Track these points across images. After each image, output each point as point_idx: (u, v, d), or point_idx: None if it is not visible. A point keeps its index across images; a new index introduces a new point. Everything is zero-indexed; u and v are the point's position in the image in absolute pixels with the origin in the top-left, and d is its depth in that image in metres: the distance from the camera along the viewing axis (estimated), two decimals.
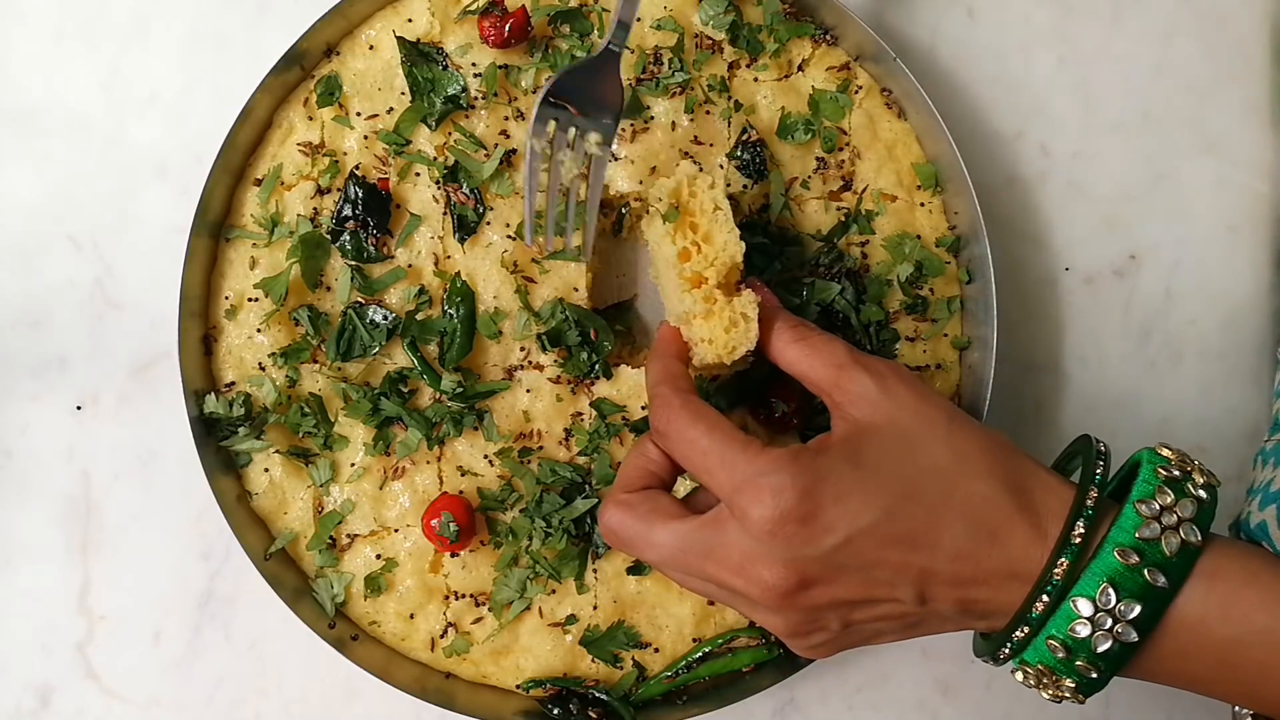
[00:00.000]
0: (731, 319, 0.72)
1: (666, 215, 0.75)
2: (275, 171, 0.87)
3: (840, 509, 0.62)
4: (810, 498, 0.62)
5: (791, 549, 0.63)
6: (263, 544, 0.86)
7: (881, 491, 0.63)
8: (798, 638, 0.67)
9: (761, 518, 0.62)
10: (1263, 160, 0.94)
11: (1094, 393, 0.94)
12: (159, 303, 0.89)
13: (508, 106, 0.87)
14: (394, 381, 0.86)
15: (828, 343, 0.70)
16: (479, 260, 0.86)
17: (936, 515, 0.63)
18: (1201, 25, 0.95)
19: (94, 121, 0.93)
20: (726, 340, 0.72)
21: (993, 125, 0.94)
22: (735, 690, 0.85)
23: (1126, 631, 0.61)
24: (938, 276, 0.88)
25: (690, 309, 0.74)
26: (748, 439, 0.66)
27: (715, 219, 0.74)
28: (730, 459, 0.65)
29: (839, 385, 0.68)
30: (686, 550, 0.67)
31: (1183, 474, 0.64)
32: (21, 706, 0.91)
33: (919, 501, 0.63)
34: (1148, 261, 0.94)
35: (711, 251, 0.73)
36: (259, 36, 0.93)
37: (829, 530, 0.62)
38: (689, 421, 0.67)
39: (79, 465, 0.92)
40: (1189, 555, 0.62)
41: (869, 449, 0.65)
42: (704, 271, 0.73)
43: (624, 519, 0.69)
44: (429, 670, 0.87)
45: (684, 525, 0.67)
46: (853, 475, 0.63)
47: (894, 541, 0.63)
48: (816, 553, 0.63)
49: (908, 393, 0.67)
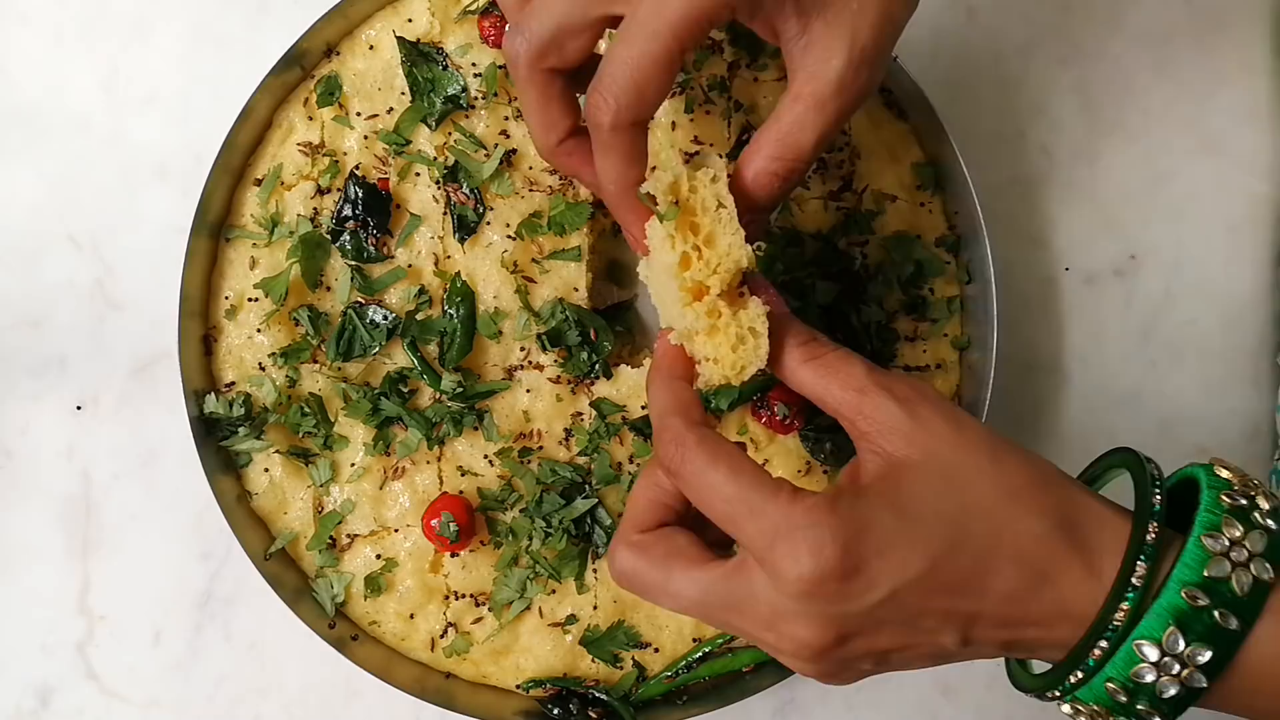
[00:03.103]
0: (739, 334, 0.64)
1: (664, 214, 0.65)
2: (275, 171, 0.87)
3: (884, 562, 0.57)
4: (852, 553, 0.57)
5: (831, 606, 0.57)
6: (263, 544, 0.86)
7: (927, 540, 0.58)
8: (827, 678, 0.63)
9: (800, 578, 0.56)
10: (1263, 160, 0.94)
11: (1094, 393, 0.94)
12: (159, 303, 0.89)
13: (508, 106, 0.87)
14: (394, 381, 0.86)
15: (845, 362, 0.63)
16: (479, 260, 0.87)
17: (985, 559, 0.58)
18: (1201, 25, 0.95)
19: (94, 121, 0.93)
20: (734, 360, 0.64)
21: (993, 125, 0.94)
22: (735, 690, 0.85)
23: (1195, 677, 0.57)
24: (938, 276, 0.88)
25: (692, 325, 0.65)
26: (776, 483, 0.59)
27: (718, 218, 0.64)
28: (759, 508, 0.58)
29: (862, 413, 0.61)
30: (709, 603, 0.61)
31: (1248, 500, 0.59)
32: (21, 707, 0.91)
33: (966, 547, 0.58)
34: (1148, 261, 0.94)
35: (714, 257, 0.64)
36: (259, 36, 0.93)
37: (872, 586, 0.57)
38: (706, 463, 0.60)
39: (79, 465, 0.92)
40: (1261, 593, 0.57)
41: (910, 490, 0.59)
42: (706, 280, 0.64)
43: (637, 565, 0.62)
44: (429, 670, 0.87)
45: (705, 575, 0.61)
46: (896, 524, 0.58)
47: (940, 591, 0.58)
48: (858, 609, 0.57)
49: (942, 422, 0.61)
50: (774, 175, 0.64)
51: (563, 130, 0.67)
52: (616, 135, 0.63)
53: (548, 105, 0.67)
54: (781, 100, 0.63)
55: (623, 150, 0.64)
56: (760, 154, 0.64)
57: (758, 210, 0.66)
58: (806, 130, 0.63)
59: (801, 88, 0.62)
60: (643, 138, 0.64)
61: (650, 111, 0.63)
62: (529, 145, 0.87)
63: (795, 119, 0.63)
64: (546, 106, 0.67)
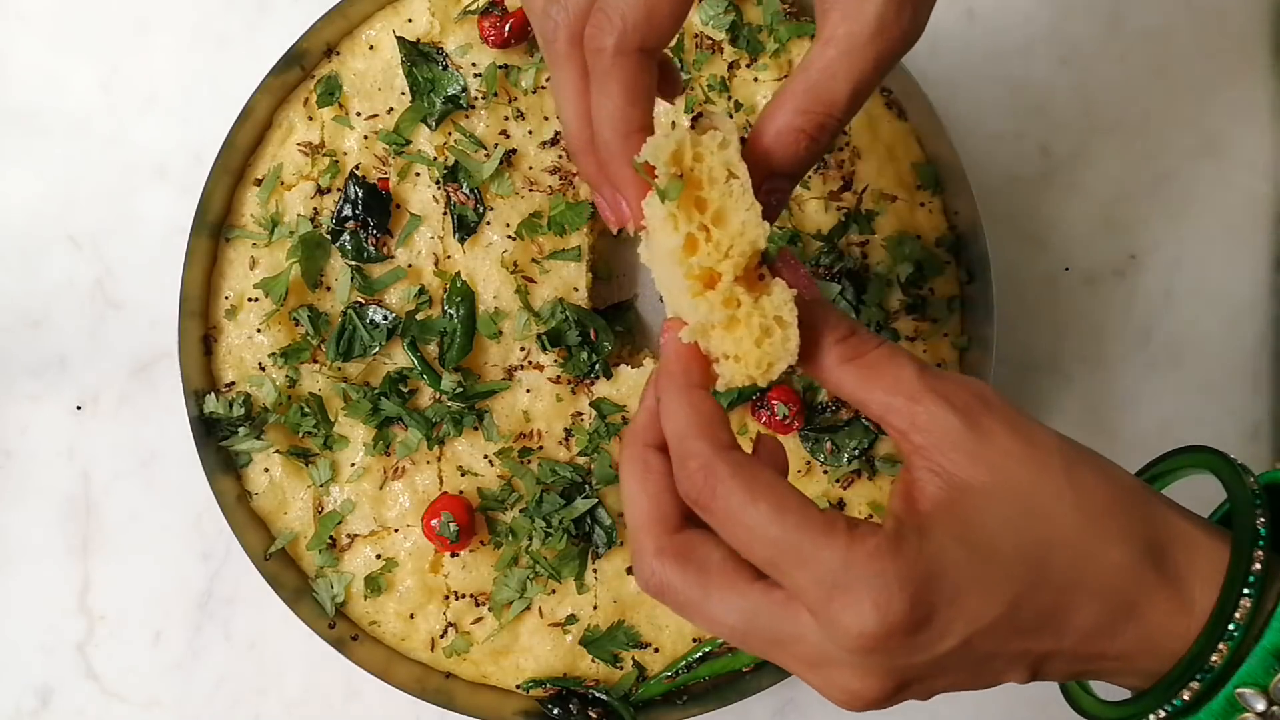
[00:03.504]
0: (763, 326, 0.54)
1: (665, 190, 0.53)
2: (275, 171, 0.87)
3: (957, 610, 0.50)
4: (922, 604, 0.49)
5: (892, 660, 0.50)
6: (263, 544, 0.86)
7: (1004, 580, 0.50)
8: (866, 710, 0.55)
9: (863, 634, 0.49)
10: (1263, 160, 0.94)
11: (1094, 393, 0.94)
12: (159, 303, 0.89)
13: (508, 106, 0.87)
14: (394, 381, 0.86)
15: (890, 362, 0.54)
16: (479, 260, 0.87)
17: (1067, 595, 0.51)
18: (1201, 25, 0.95)
19: (94, 122, 0.93)
20: (759, 356, 0.54)
21: (993, 125, 0.94)
22: (735, 690, 0.85)
23: None
24: (938, 276, 0.88)
25: (706, 317, 0.55)
26: (827, 521, 0.50)
27: (728, 191, 0.54)
28: (810, 555, 0.49)
29: (915, 424, 0.52)
30: (750, 633, 0.52)
31: None
32: (21, 707, 0.91)
33: (1047, 584, 0.51)
34: (1148, 262, 0.94)
35: (725, 237, 0.54)
36: (259, 37, 0.93)
37: (943, 637, 0.50)
38: (745, 499, 0.50)
39: (79, 465, 0.92)
40: None
41: (980, 520, 0.51)
42: (717, 266, 0.54)
43: (672, 579, 0.52)
44: (429, 670, 0.87)
45: (746, 601, 0.52)
46: (969, 564, 0.50)
47: (1015, 633, 0.51)
48: (923, 660, 0.50)
49: (1010, 436, 0.52)
50: (800, 133, 0.54)
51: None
52: (620, 61, 0.53)
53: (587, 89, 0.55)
54: (811, 47, 0.54)
55: (625, 81, 0.54)
56: (784, 108, 0.54)
57: (780, 177, 0.56)
58: (839, 79, 0.53)
59: (834, 30, 0.53)
60: (649, 73, 0.54)
61: (661, 39, 0.54)
62: (529, 145, 0.87)
63: (826, 66, 0.53)
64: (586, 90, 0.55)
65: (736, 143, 0.54)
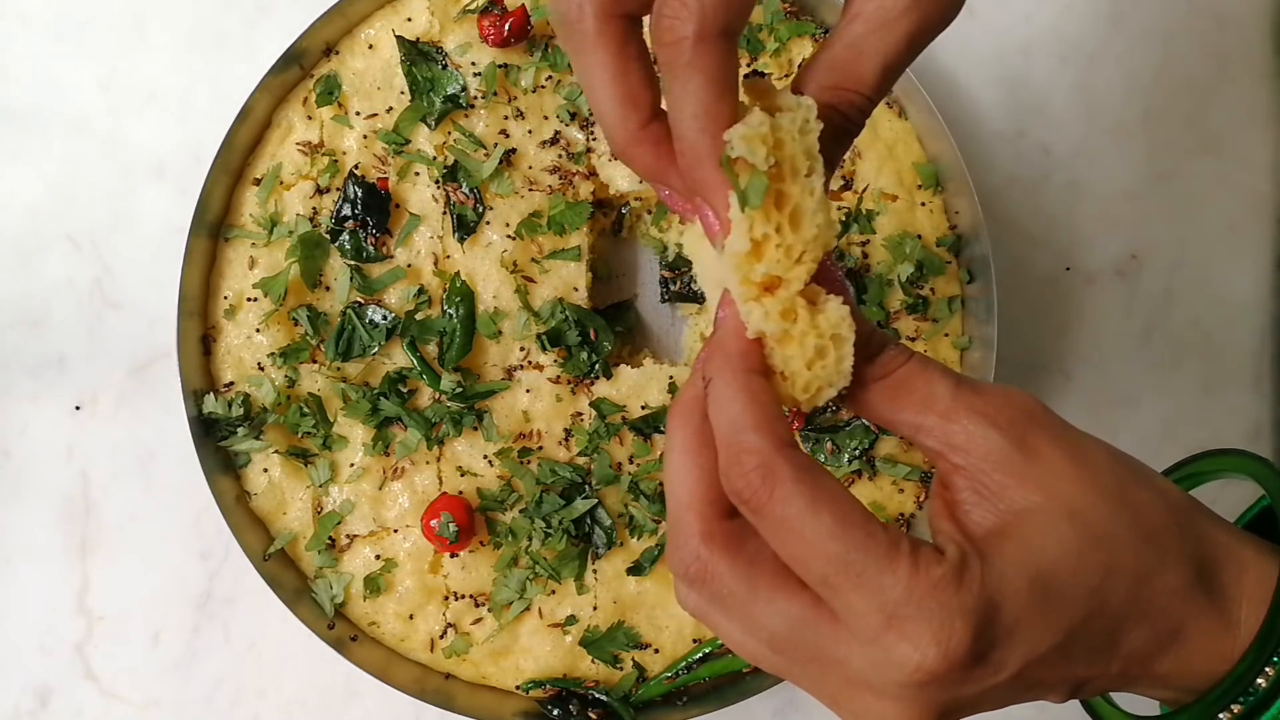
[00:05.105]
0: (818, 346, 0.48)
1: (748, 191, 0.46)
2: (274, 171, 0.87)
3: (1014, 641, 0.47)
4: (983, 638, 0.46)
5: (944, 693, 0.47)
6: (262, 544, 0.86)
7: (1063, 611, 0.48)
8: None
9: (920, 668, 0.45)
10: (1263, 160, 0.94)
11: (1095, 393, 0.93)
12: (158, 303, 0.89)
13: (507, 106, 0.87)
14: (393, 381, 0.85)
15: (922, 377, 0.50)
16: (479, 260, 0.86)
17: (1120, 622, 0.49)
18: (1201, 25, 0.95)
19: (93, 121, 0.93)
20: (809, 380, 0.48)
21: (993, 125, 0.94)
22: (735, 691, 0.85)
23: None
24: (938, 276, 0.88)
25: (760, 326, 0.48)
26: (890, 543, 0.46)
27: (808, 188, 0.47)
28: (871, 578, 0.45)
29: (951, 444, 0.49)
30: (792, 644, 0.48)
31: None
32: (20, 707, 0.91)
33: (1104, 612, 0.48)
34: (1149, 261, 0.94)
35: (799, 242, 0.47)
36: (258, 36, 0.93)
37: (999, 670, 0.47)
38: (806, 508, 0.45)
39: (78, 465, 0.92)
40: None
41: (1039, 547, 0.48)
42: (785, 274, 0.47)
43: (719, 567, 0.47)
44: (428, 671, 0.87)
45: (794, 607, 0.47)
46: (1029, 595, 0.47)
47: (1066, 660, 0.49)
48: (973, 692, 0.47)
49: (1061, 456, 0.49)
50: (826, 108, 0.49)
51: (647, 107, 0.49)
52: (703, 49, 0.46)
53: (626, 71, 0.48)
54: (838, 23, 0.50)
55: (710, 71, 0.46)
56: (808, 86, 0.50)
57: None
58: (867, 56, 0.49)
59: (863, 4, 0.49)
60: (734, 59, 0.47)
61: (743, 17, 0.47)
62: (529, 144, 0.87)
63: (853, 42, 0.49)
64: (625, 73, 0.48)
65: (817, 125, 0.47)
